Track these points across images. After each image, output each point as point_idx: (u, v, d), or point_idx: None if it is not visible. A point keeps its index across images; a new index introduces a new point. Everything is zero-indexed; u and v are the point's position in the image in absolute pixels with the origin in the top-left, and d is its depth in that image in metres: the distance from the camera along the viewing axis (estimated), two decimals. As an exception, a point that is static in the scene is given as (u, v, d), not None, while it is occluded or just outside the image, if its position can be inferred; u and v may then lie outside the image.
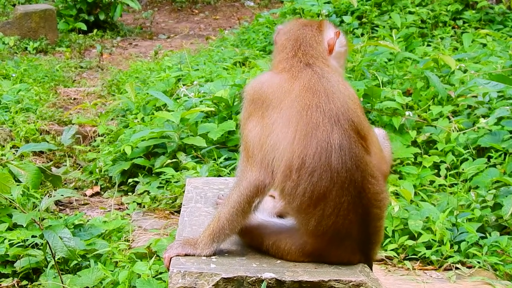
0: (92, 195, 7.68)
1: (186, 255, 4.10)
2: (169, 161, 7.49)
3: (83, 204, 7.43)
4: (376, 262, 5.67)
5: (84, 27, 17.10)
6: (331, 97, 3.92)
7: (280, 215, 4.39)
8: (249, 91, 4.07)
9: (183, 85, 9.45)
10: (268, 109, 3.94)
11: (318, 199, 3.85)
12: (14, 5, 17.20)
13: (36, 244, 5.65)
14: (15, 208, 5.94)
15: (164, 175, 7.31)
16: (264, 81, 4.05)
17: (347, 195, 3.86)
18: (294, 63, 4.08)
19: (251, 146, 3.97)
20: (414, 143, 7.64)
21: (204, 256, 4.08)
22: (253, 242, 4.15)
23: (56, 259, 5.18)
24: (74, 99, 11.52)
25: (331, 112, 3.88)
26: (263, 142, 3.92)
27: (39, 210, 5.63)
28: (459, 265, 5.69)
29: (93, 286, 5.12)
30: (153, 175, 7.52)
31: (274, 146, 3.89)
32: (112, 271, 5.25)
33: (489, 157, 7.13)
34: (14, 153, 7.56)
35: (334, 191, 3.84)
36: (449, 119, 7.88)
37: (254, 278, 3.82)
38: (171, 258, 4.08)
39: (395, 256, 5.86)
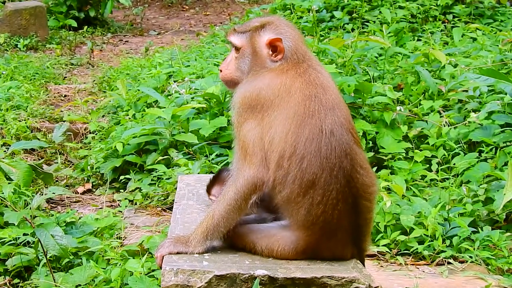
0: (83, 193, 7.67)
1: (178, 253, 4.10)
2: (160, 158, 7.48)
3: (74, 202, 7.41)
4: (368, 258, 5.68)
5: (74, 23, 17.04)
6: (327, 90, 4.05)
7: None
8: (245, 99, 4.07)
9: (174, 81, 9.44)
10: (268, 110, 3.99)
11: (307, 186, 3.90)
12: (4, 2, 17.11)
13: (28, 242, 5.64)
14: (6, 206, 5.92)
15: (156, 172, 7.31)
16: (261, 86, 4.05)
17: (336, 183, 3.91)
18: (305, 66, 4.14)
19: (251, 144, 3.98)
20: (406, 137, 7.65)
21: (196, 253, 4.08)
22: (246, 248, 4.15)
23: (48, 257, 5.16)
24: (65, 96, 11.49)
25: (327, 102, 3.99)
26: (265, 140, 3.96)
27: (30, 208, 5.63)
28: (451, 260, 5.71)
29: (86, 284, 5.11)
30: (144, 172, 7.51)
31: (272, 140, 3.93)
32: (104, 268, 5.24)
33: (480, 152, 7.15)
34: (5, 151, 7.54)
35: (323, 177, 3.89)
36: (440, 113, 7.89)
37: (247, 275, 3.83)
38: (163, 256, 4.09)
39: (387, 252, 5.87)
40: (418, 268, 5.69)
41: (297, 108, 3.93)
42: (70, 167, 8.37)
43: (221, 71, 4.41)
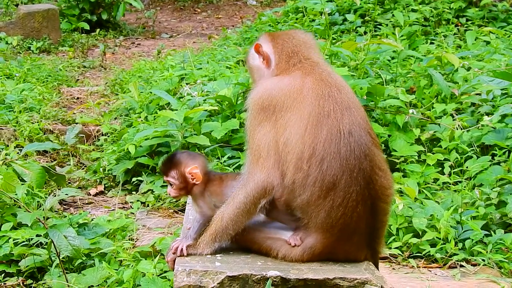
0: (96, 194, 7.68)
1: (187, 255, 4.12)
2: (173, 160, 7.47)
3: (87, 203, 7.43)
4: (380, 260, 5.66)
5: (87, 26, 17.09)
6: (341, 89, 4.06)
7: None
8: (257, 100, 4.07)
9: (186, 84, 9.44)
10: (281, 111, 3.97)
11: (328, 188, 3.89)
12: (17, 5, 17.19)
13: (41, 243, 5.66)
14: (19, 207, 5.94)
15: (168, 174, 7.30)
16: (271, 87, 4.06)
17: (356, 185, 3.90)
18: (307, 66, 4.13)
19: (265, 148, 3.98)
20: (418, 141, 7.62)
21: (205, 255, 4.10)
22: (262, 252, 4.15)
23: (60, 258, 5.18)
24: (78, 98, 11.52)
25: (343, 101, 3.99)
26: (279, 142, 3.95)
27: (43, 209, 5.65)
28: (463, 263, 5.69)
29: (98, 285, 5.13)
30: (157, 174, 7.52)
31: (287, 142, 3.92)
32: (117, 270, 5.26)
33: (493, 155, 7.12)
34: (18, 153, 7.56)
35: (343, 179, 3.88)
36: (453, 117, 7.87)
37: (259, 276, 3.83)
38: (174, 260, 4.11)
39: (399, 254, 5.86)
40: (430, 271, 5.67)
41: (311, 108, 3.92)
42: (83, 169, 8.38)
43: None
